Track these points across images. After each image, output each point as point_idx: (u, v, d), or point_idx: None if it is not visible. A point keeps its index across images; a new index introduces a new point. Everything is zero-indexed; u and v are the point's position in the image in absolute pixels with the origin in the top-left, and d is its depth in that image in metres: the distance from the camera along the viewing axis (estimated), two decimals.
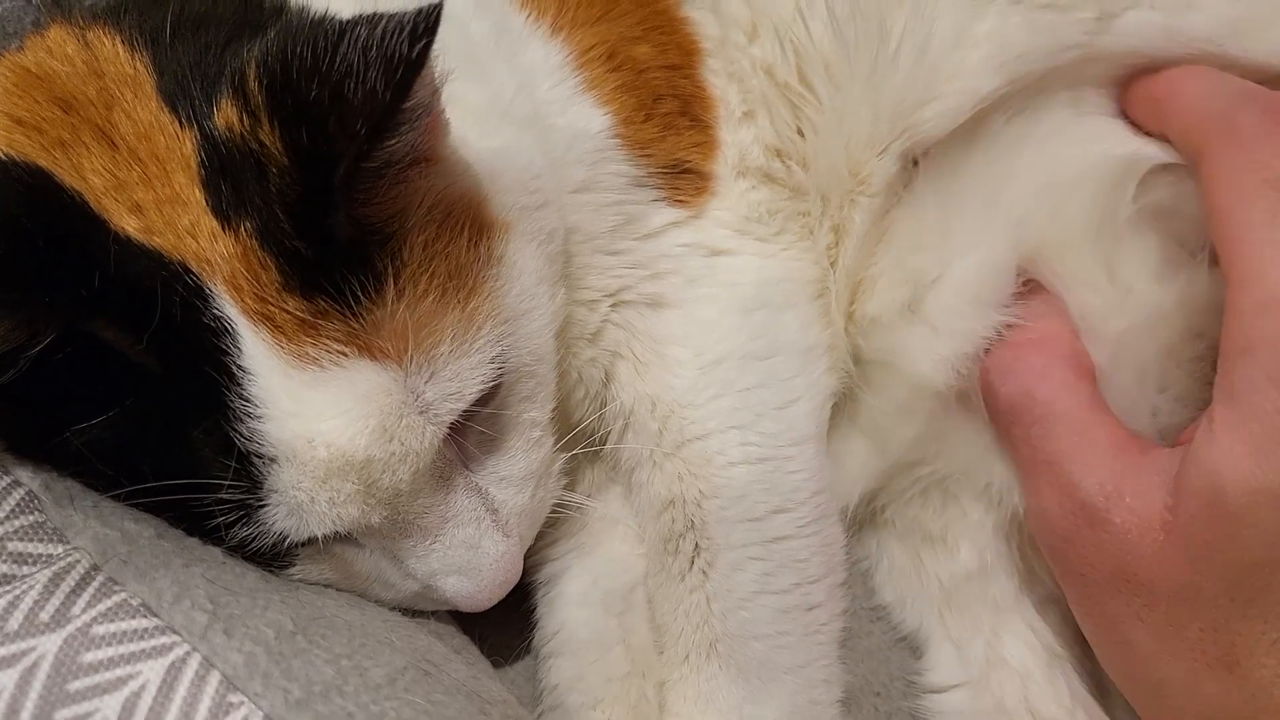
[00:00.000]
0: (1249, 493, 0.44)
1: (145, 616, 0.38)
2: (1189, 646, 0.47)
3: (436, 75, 0.45)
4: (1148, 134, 0.56)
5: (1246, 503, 0.44)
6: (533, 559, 0.61)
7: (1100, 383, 0.55)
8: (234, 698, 0.36)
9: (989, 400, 0.57)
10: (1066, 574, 0.53)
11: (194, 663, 0.37)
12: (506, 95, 0.54)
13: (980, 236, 0.57)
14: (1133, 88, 0.57)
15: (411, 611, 0.52)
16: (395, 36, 0.40)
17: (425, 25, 0.40)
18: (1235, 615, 0.46)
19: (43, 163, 0.44)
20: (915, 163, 0.59)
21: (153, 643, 0.37)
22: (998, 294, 0.56)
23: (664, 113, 0.58)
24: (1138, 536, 0.48)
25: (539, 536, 0.58)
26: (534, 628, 0.61)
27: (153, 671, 0.36)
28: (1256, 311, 0.45)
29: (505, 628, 0.60)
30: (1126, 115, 0.57)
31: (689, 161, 0.59)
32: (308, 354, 0.43)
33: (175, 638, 0.38)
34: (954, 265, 0.57)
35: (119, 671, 0.37)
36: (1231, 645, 0.46)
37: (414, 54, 0.39)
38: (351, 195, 0.43)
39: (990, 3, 0.55)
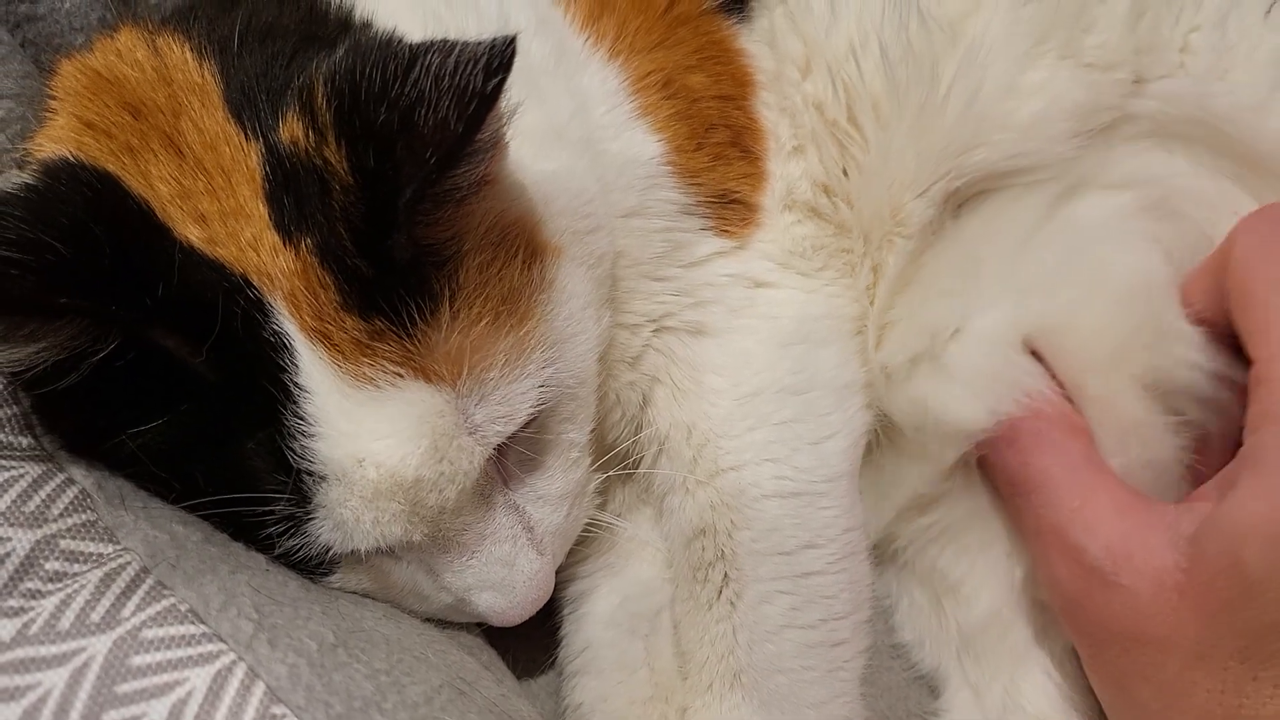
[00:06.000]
0: (1272, 559, 0.44)
1: (193, 623, 0.39)
2: (1196, 707, 0.47)
3: (505, 107, 0.45)
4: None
5: (1269, 568, 0.44)
6: (561, 576, 0.61)
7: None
8: (277, 709, 0.37)
9: (990, 472, 0.58)
10: (1079, 634, 0.54)
11: (240, 672, 0.37)
12: (563, 118, 0.54)
13: (1000, 296, 0.57)
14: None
15: (444, 624, 0.53)
16: (470, 68, 0.40)
17: (501, 61, 0.40)
18: (1245, 677, 0.46)
19: (111, 168, 0.45)
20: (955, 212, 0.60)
21: (200, 649, 0.38)
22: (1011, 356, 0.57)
23: (715, 142, 0.59)
24: (1149, 598, 0.48)
25: (568, 554, 0.58)
26: (559, 644, 0.61)
27: (199, 679, 0.37)
28: None
29: (531, 642, 0.61)
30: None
31: (737, 192, 0.59)
32: (364, 374, 0.44)
33: (222, 645, 0.38)
34: (974, 319, 0.57)
35: (167, 677, 0.38)
36: (1238, 708, 0.46)
37: (489, 89, 0.40)
38: (414, 219, 0.43)
39: (1042, 56, 0.56)
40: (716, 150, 0.59)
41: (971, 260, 0.59)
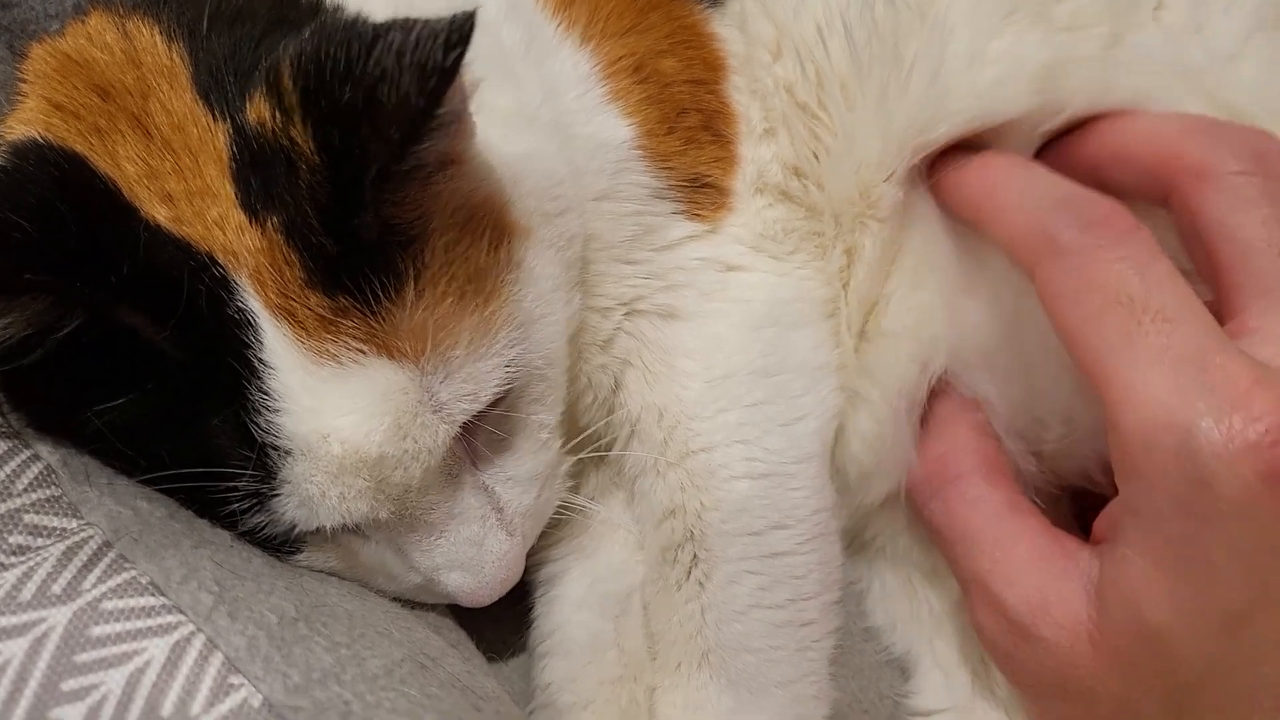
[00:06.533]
0: (1168, 618, 0.43)
1: (153, 595, 0.39)
2: None
3: (468, 82, 0.45)
4: None
5: (1167, 627, 0.43)
6: (533, 559, 0.61)
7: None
8: (235, 679, 0.37)
9: (919, 518, 0.57)
10: (1014, 684, 0.53)
11: (198, 643, 0.38)
12: (534, 102, 0.55)
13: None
14: (942, 179, 0.56)
15: (411, 604, 0.53)
16: (430, 44, 0.40)
17: (459, 34, 0.40)
18: None
19: (79, 148, 0.45)
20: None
21: (159, 621, 0.38)
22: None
23: (687, 126, 0.59)
24: (1068, 649, 0.47)
25: (540, 536, 0.59)
26: (530, 626, 0.62)
27: (158, 649, 0.37)
28: (1141, 442, 0.43)
29: (502, 624, 0.61)
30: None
31: (709, 176, 0.59)
32: (327, 350, 0.44)
33: (181, 617, 0.38)
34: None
35: (125, 647, 0.38)
36: None
37: (448, 62, 0.40)
38: (380, 196, 0.44)
39: (1010, 25, 0.56)
40: (688, 134, 0.59)
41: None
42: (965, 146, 0.57)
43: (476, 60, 0.44)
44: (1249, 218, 0.48)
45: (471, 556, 0.50)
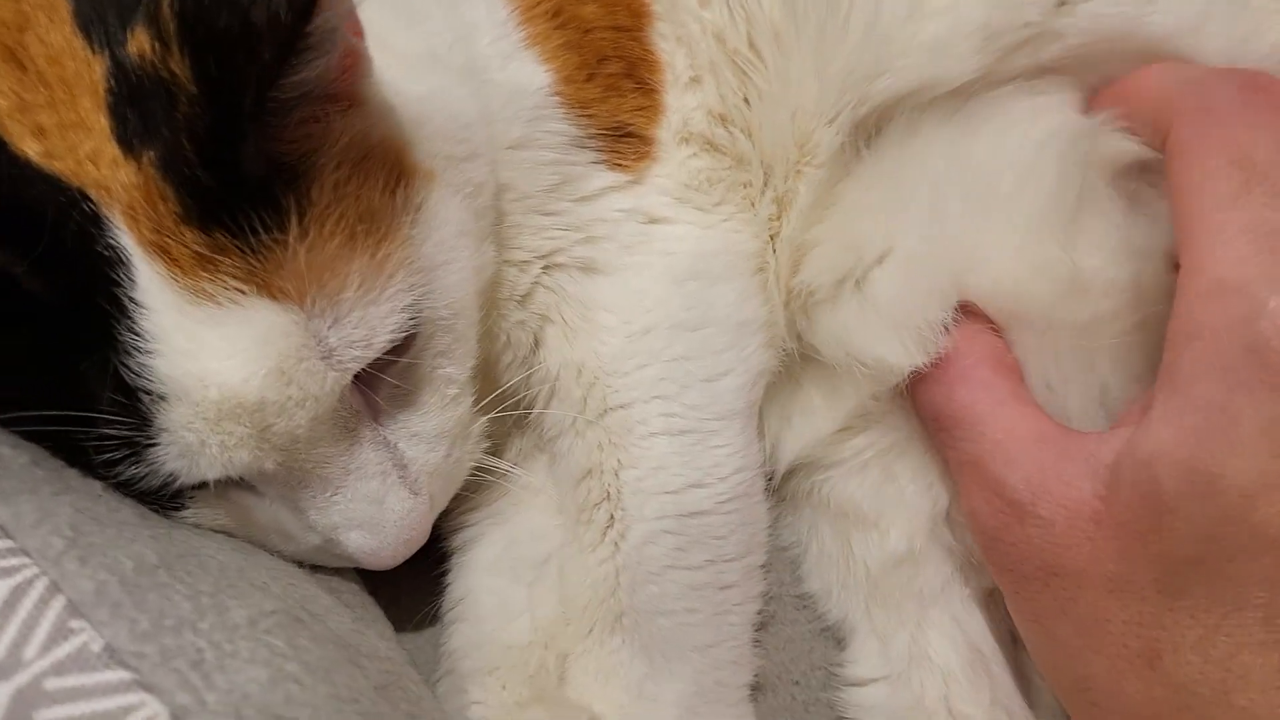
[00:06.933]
0: (1184, 485, 0.42)
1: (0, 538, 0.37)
2: (1112, 641, 0.46)
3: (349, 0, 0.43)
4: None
5: (1181, 495, 0.42)
6: (451, 523, 0.60)
7: (1044, 374, 0.54)
8: (75, 623, 0.35)
9: (915, 407, 0.56)
10: (998, 570, 0.52)
11: (40, 586, 0.35)
12: (442, 44, 0.53)
13: (923, 226, 0.55)
14: (1101, 92, 0.56)
15: (311, 566, 0.51)
16: None
17: None
18: (1162, 608, 0.44)
19: None
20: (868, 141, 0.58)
21: (1, 563, 0.36)
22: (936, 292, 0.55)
23: (608, 74, 0.57)
24: (1065, 528, 0.47)
25: (459, 501, 0.57)
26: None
27: None
28: (1204, 296, 0.44)
29: (421, 592, 0.59)
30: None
31: (631, 125, 0.57)
32: (204, 290, 0.42)
33: (25, 559, 0.36)
34: (899, 245, 0.55)
35: None
36: (1155, 640, 0.44)
37: None
38: (261, 127, 0.42)
39: None
40: (609, 82, 0.57)
41: (893, 184, 0.57)
42: None
43: None
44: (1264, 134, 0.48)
45: (371, 514, 0.48)
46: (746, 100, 0.57)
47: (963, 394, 0.53)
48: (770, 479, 0.61)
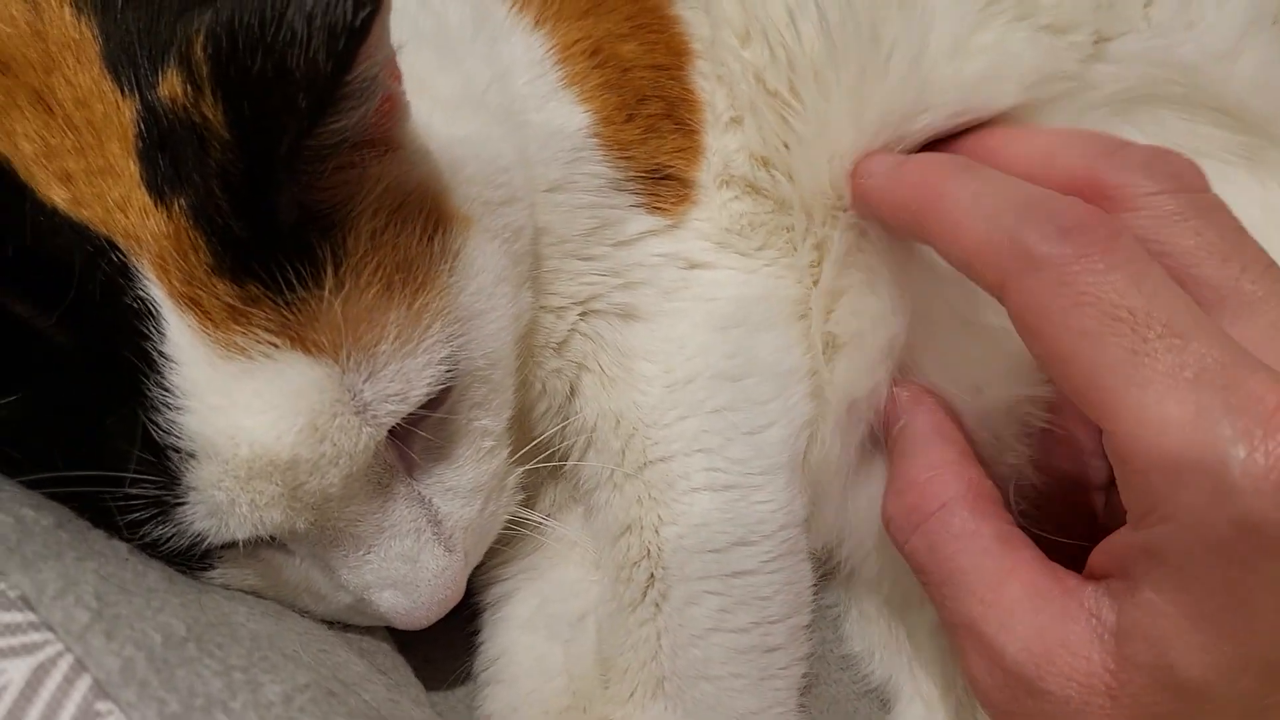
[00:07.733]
0: (1205, 673, 0.38)
1: (21, 610, 0.35)
2: None
3: (390, 46, 0.42)
4: None
5: (1203, 681, 0.38)
6: (483, 578, 0.58)
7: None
8: (102, 705, 0.33)
9: (901, 554, 0.51)
10: None
11: (64, 665, 0.33)
12: (479, 85, 0.51)
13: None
14: (861, 186, 0.52)
15: (343, 626, 0.49)
16: (340, 4, 0.37)
17: None
18: None
19: None
20: None
21: (24, 639, 0.34)
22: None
23: (648, 114, 0.55)
24: (1080, 704, 0.41)
25: (492, 555, 0.55)
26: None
27: (18, 671, 0.33)
28: (1163, 479, 0.38)
29: (454, 650, 0.57)
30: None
31: (671, 167, 0.55)
32: (236, 343, 0.40)
33: (49, 635, 0.34)
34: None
35: None
36: None
37: (357, 22, 0.37)
38: (295, 175, 0.40)
39: (994, 17, 0.53)
40: (649, 123, 0.55)
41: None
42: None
43: (417, 39, 0.42)
44: (1179, 231, 0.44)
45: (405, 574, 0.46)
46: (785, 144, 0.55)
47: (944, 546, 0.48)
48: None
